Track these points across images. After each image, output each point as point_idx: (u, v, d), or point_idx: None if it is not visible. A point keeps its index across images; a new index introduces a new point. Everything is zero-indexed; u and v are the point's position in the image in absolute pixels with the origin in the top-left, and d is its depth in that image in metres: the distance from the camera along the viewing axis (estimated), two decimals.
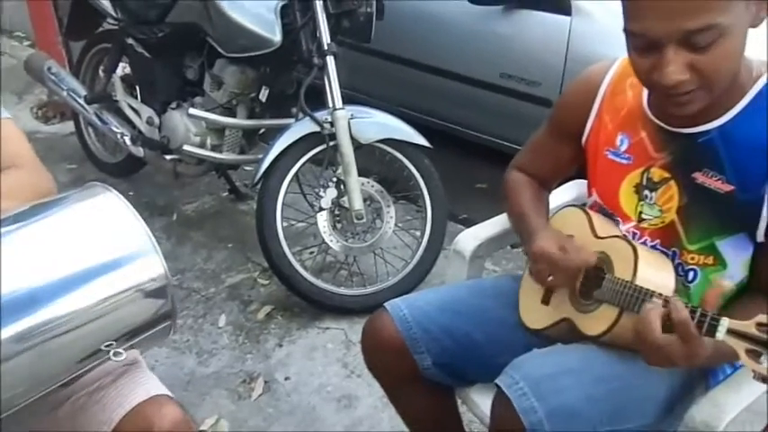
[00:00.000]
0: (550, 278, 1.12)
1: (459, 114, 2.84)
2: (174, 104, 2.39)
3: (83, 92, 2.66)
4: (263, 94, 2.26)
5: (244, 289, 2.29)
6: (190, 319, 2.15)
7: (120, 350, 0.89)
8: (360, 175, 2.10)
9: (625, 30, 0.92)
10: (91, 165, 2.93)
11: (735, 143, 0.97)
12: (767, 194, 0.95)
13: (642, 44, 0.90)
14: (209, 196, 2.79)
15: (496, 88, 2.61)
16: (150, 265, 0.91)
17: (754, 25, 0.91)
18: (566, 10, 2.37)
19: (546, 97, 2.44)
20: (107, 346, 0.89)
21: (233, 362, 1.99)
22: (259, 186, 2.13)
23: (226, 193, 2.78)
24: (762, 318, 0.80)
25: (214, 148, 2.34)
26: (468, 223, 1.51)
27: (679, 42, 0.87)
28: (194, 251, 2.48)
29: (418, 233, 2.22)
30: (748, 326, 0.81)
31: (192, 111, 2.28)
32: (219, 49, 2.21)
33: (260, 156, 2.16)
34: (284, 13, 2.12)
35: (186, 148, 2.31)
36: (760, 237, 0.99)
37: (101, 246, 0.90)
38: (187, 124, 2.32)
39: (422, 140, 2.14)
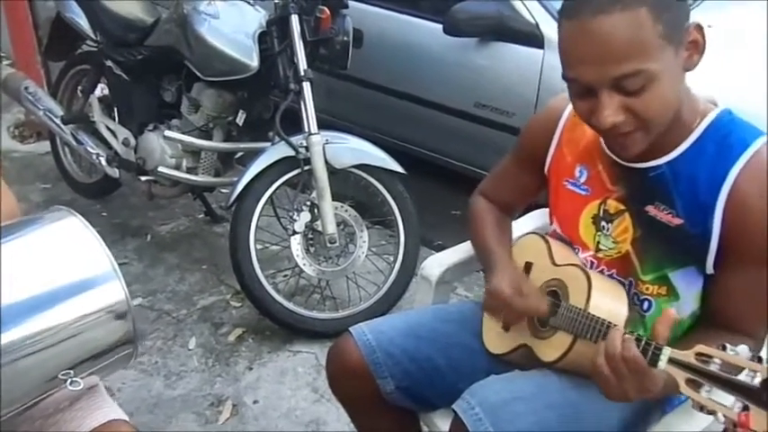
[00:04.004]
0: (502, 316, 1.15)
1: (435, 142, 2.88)
2: (150, 126, 2.40)
3: (59, 112, 2.66)
4: (240, 118, 2.28)
5: (216, 311, 2.28)
6: (159, 341, 2.14)
7: (77, 379, 0.88)
8: (334, 199, 2.12)
9: (563, 76, 0.96)
10: (65, 185, 2.92)
11: (683, 178, 1.01)
12: (713, 228, 0.98)
13: (578, 89, 0.95)
14: (184, 218, 2.79)
15: (471, 117, 2.66)
16: (111, 291, 0.90)
17: (689, 69, 0.95)
18: (538, 43, 2.43)
19: (519, 127, 2.47)
20: (65, 374, 0.88)
21: (201, 384, 1.98)
22: (233, 209, 2.14)
23: (201, 215, 2.78)
24: (701, 348, 0.81)
25: (189, 171, 2.35)
26: (443, 249, 1.55)
27: (611, 87, 0.91)
28: (167, 273, 2.47)
29: (391, 258, 2.24)
30: (688, 355, 0.82)
31: (168, 133, 2.30)
32: (197, 73, 2.23)
33: (235, 178, 2.17)
34: (262, 39, 2.16)
35: (161, 169, 2.32)
36: (709, 269, 1.02)
37: (62, 271, 0.89)
38: (163, 146, 2.33)
39: (396, 166, 2.17)
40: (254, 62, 2.13)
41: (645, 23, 0.88)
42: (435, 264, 1.42)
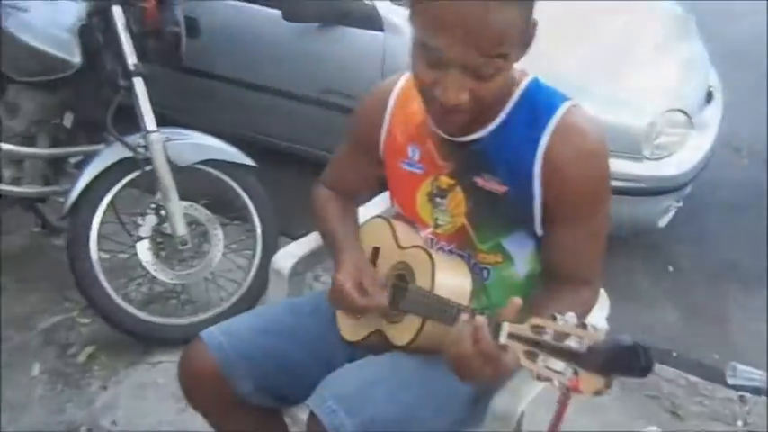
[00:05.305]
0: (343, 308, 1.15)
1: (288, 131, 2.83)
2: None
3: None
4: (68, 120, 2.10)
5: (61, 331, 2.10)
6: None
7: None
8: (188, 198, 2.02)
9: (417, 40, 0.93)
10: None
11: (503, 147, 1.05)
12: (535, 192, 1.04)
13: (432, 59, 0.92)
14: (15, 234, 2.52)
15: (320, 103, 2.65)
16: None
17: (517, 61, 0.96)
18: (378, 26, 2.46)
19: None
20: None
21: (50, 414, 1.82)
22: (69, 219, 1.97)
23: (37, 229, 2.53)
24: (534, 320, 0.83)
25: (13, 182, 2.12)
26: None
27: (466, 67, 0.90)
28: (2, 295, 2.22)
29: (251, 254, 2.17)
30: (524, 328, 0.84)
31: None
32: (11, 75, 2.02)
33: (69, 186, 2.00)
34: (83, 32, 1.98)
35: None
36: (538, 231, 1.08)
37: None
38: None
39: (245, 159, 2.11)
40: (75, 58, 1.96)
41: (516, 17, 0.88)
42: (287, 255, 1.39)
